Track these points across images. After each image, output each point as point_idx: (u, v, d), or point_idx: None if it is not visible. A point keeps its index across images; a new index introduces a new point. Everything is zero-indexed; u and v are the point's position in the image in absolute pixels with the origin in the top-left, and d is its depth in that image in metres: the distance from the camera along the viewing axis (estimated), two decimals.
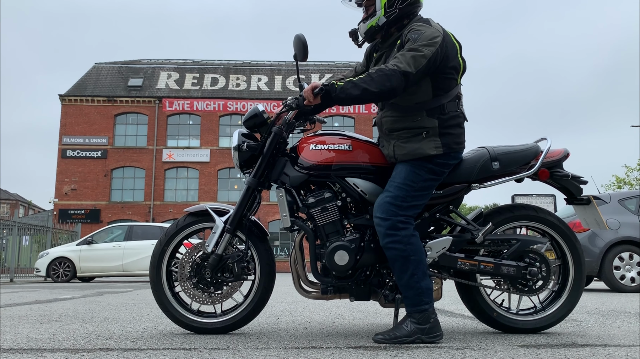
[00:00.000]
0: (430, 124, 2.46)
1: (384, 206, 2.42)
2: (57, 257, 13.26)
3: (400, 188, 2.44)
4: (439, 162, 2.49)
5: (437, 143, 2.46)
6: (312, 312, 3.97)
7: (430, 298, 2.37)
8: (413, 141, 2.47)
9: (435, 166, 2.48)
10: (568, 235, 2.69)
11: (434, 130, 2.47)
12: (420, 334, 2.30)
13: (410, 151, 2.47)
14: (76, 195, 34.60)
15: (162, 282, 2.70)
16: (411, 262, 2.35)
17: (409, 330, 2.31)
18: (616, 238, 7.20)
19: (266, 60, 40.09)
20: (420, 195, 2.48)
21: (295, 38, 2.49)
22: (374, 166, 2.56)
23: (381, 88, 2.31)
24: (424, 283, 2.37)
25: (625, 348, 2.21)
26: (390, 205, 2.42)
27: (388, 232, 2.38)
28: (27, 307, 4.54)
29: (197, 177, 35.58)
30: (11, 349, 2.23)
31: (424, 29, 2.40)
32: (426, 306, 2.34)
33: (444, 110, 2.47)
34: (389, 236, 2.38)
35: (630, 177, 33.51)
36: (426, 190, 2.50)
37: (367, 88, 2.32)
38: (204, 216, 2.73)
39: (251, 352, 2.12)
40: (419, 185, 2.46)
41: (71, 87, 36.44)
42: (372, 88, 2.32)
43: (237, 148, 2.64)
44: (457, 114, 2.52)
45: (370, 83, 2.32)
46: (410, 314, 2.37)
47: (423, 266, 2.38)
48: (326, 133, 2.63)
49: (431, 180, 2.50)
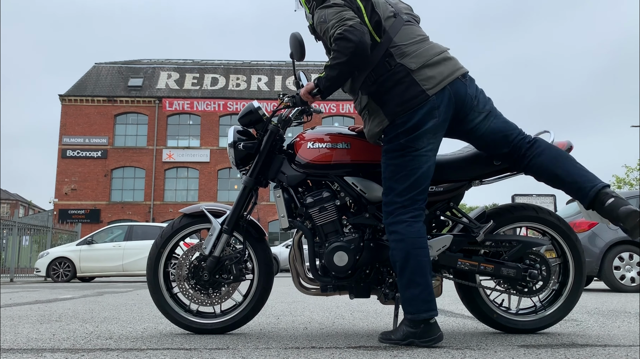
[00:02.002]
0: (364, 102, 2.40)
1: (382, 208, 2.40)
2: (57, 257, 13.26)
3: (382, 187, 2.41)
4: (391, 137, 2.32)
5: (381, 117, 2.35)
6: (312, 312, 3.97)
7: (412, 309, 2.23)
8: (366, 124, 2.45)
9: (390, 143, 2.33)
10: (568, 234, 2.68)
11: (370, 106, 2.39)
12: (413, 338, 2.24)
13: (367, 133, 2.44)
14: (76, 195, 34.60)
15: (159, 284, 2.70)
16: (396, 268, 2.29)
17: (403, 333, 2.26)
18: (616, 238, 7.19)
19: (266, 60, 40.12)
20: (400, 178, 2.31)
21: (292, 37, 2.48)
22: (373, 164, 2.54)
23: (348, 51, 2.22)
24: (408, 292, 2.25)
25: (625, 348, 2.21)
26: (385, 206, 2.37)
27: (389, 237, 2.35)
28: (27, 307, 4.53)
29: (197, 177, 35.59)
30: (11, 349, 2.23)
31: None
32: (409, 315, 2.25)
33: (371, 79, 2.33)
34: (390, 242, 2.35)
35: (630, 177, 33.50)
36: (399, 167, 2.31)
37: (339, 62, 2.26)
38: (200, 217, 2.72)
39: (251, 352, 2.12)
40: (388, 170, 2.34)
41: (71, 87, 36.44)
42: (342, 58, 2.24)
43: (233, 145, 2.63)
44: (390, 73, 2.30)
45: (339, 56, 2.25)
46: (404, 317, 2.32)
47: (409, 273, 2.24)
48: (324, 131, 2.60)
49: (399, 156, 2.31)
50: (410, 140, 2.28)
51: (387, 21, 2.36)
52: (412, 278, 2.24)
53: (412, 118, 2.27)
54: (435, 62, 2.31)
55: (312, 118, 2.74)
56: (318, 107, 2.73)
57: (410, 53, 2.31)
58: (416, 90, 2.26)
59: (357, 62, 2.27)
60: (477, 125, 2.38)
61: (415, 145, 2.29)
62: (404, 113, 2.28)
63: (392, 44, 2.32)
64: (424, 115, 2.27)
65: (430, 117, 2.27)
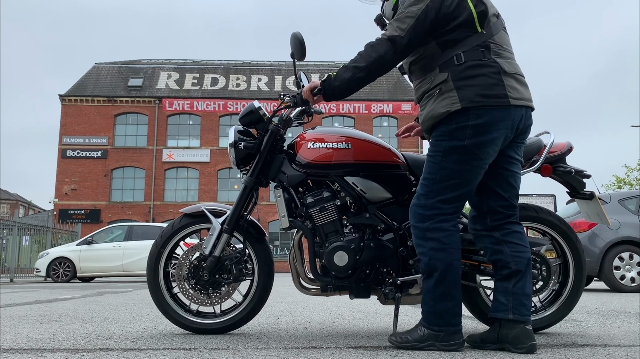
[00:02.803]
0: (441, 78, 2.15)
1: (411, 210, 2.23)
2: (57, 257, 13.26)
3: (422, 185, 2.21)
4: (456, 128, 2.11)
5: (453, 99, 2.11)
6: (312, 312, 3.97)
7: (443, 322, 2.11)
8: (428, 105, 2.20)
9: (454, 139, 2.12)
10: (569, 234, 2.68)
11: (446, 84, 2.13)
12: (434, 340, 2.11)
13: (426, 116, 2.20)
14: (76, 195, 34.60)
15: (159, 284, 2.70)
16: (432, 277, 2.14)
17: (422, 335, 2.14)
18: (616, 238, 7.20)
19: (266, 60, 40.11)
20: (452, 185, 2.15)
21: (292, 36, 2.48)
22: (373, 164, 2.54)
23: (368, 60, 2.17)
24: (440, 304, 2.12)
25: (625, 348, 2.21)
26: (416, 208, 2.20)
27: (417, 242, 2.20)
28: (27, 307, 4.53)
29: (197, 177, 35.59)
30: (11, 349, 2.22)
31: None
32: (434, 327, 2.12)
33: (459, 60, 2.12)
34: (418, 247, 2.20)
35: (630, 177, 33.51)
36: (456, 173, 2.14)
37: (357, 66, 2.19)
38: (200, 217, 2.72)
39: (251, 352, 2.12)
40: (441, 173, 2.16)
41: (71, 87, 36.44)
42: (361, 64, 2.18)
43: (234, 145, 2.63)
44: (481, 63, 2.12)
45: (359, 60, 2.19)
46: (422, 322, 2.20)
47: (446, 285, 2.12)
48: (325, 131, 2.59)
49: (460, 161, 2.13)
50: (477, 145, 2.11)
51: (492, 18, 2.21)
52: (449, 290, 2.12)
53: (487, 115, 2.09)
54: (522, 80, 2.20)
55: (312, 118, 2.74)
56: (318, 108, 2.73)
57: (505, 57, 2.18)
58: (501, 92, 2.10)
59: (373, 73, 2.21)
60: (504, 163, 2.24)
61: (480, 152, 2.12)
62: (481, 107, 2.09)
63: (492, 40, 2.17)
64: (500, 119, 2.11)
65: (503, 125, 2.11)
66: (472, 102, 2.09)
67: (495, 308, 2.20)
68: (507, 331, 2.12)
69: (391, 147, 2.60)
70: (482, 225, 2.28)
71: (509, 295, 2.17)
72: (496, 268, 2.24)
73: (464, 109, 2.09)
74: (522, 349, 2.06)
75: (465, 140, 2.11)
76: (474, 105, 2.09)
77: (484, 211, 2.27)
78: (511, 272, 2.18)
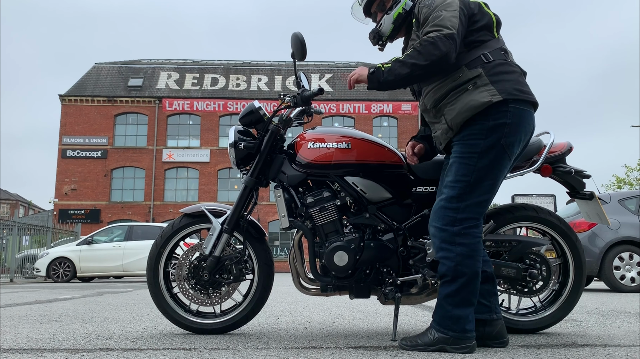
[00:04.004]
0: (475, 74, 2.15)
1: (438, 212, 2.17)
2: (57, 257, 13.26)
3: (455, 187, 2.15)
4: (498, 113, 2.10)
5: (491, 91, 2.11)
6: (312, 312, 3.97)
7: (459, 327, 2.08)
8: (462, 98, 2.16)
9: (490, 134, 2.10)
10: (569, 235, 2.68)
11: (481, 79, 2.14)
12: (444, 343, 2.09)
13: (461, 108, 2.14)
14: (76, 195, 34.59)
15: (159, 284, 2.70)
16: (455, 283, 2.11)
17: (433, 338, 2.11)
18: (616, 238, 7.19)
19: (266, 60, 40.08)
20: (487, 187, 2.14)
21: (293, 36, 2.48)
22: (373, 164, 2.53)
23: (431, 58, 2.09)
24: (459, 310, 2.10)
25: (625, 348, 2.21)
26: (446, 210, 2.15)
27: (442, 246, 2.14)
28: (27, 307, 4.53)
29: (197, 177, 35.57)
30: (11, 349, 2.22)
31: None
32: (449, 333, 2.09)
33: (487, 58, 2.17)
34: (442, 251, 2.14)
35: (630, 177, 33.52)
36: (490, 174, 2.13)
37: (416, 63, 2.11)
38: (200, 217, 2.72)
39: (251, 352, 2.12)
40: (476, 174, 2.12)
41: (71, 87, 36.42)
42: (421, 61, 2.10)
43: (234, 145, 2.63)
44: (506, 62, 2.20)
45: (418, 57, 2.10)
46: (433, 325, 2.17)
47: (468, 292, 2.10)
48: (325, 131, 2.60)
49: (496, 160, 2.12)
50: (509, 145, 2.13)
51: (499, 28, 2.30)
52: (470, 298, 2.11)
53: (521, 113, 2.13)
54: None
55: (312, 118, 2.75)
56: (318, 108, 2.74)
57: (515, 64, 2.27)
58: (529, 90, 2.19)
59: (434, 71, 2.16)
60: None
61: (510, 152, 2.15)
62: (519, 100, 2.12)
63: (505, 47, 2.27)
64: (529, 120, 2.17)
65: (530, 127, 2.19)
66: (510, 95, 2.11)
67: (478, 309, 2.23)
68: (491, 329, 2.24)
69: (391, 147, 2.60)
70: None
71: (490, 296, 2.28)
72: None
73: (504, 101, 2.10)
74: (503, 343, 2.24)
75: (502, 139, 2.12)
76: (512, 97, 2.11)
77: None
78: (487, 276, 2.27)
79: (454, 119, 2.17)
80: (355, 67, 38.69)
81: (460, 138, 2.18)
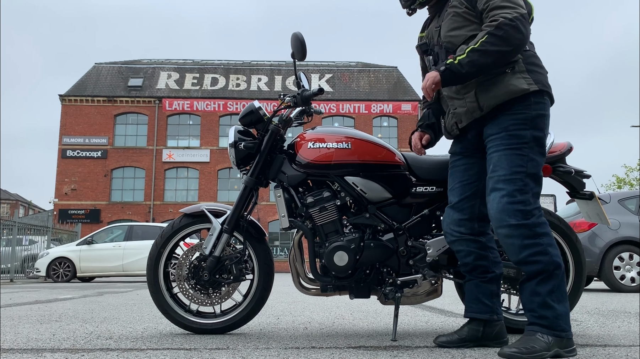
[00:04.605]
0: None
1: (506, 210, 1.99)
2: (57, 257, 13.26)
3: (512, 180, 2.01)
4: (538, 104, 2.04)
5: (528, 80, 2.04)
6: (312, 312, 3.97)
7: (568, 326, 1.96)
8: (499, 80, 2.06)
9: (535, 111, 2.03)
10: (569, 235, 2.68)
11: (519, 65, 2.06)
12: (558, 347, 1.92)
13: (498, 91, 2.04)
14: (76, 195, 34.59)
15: (159, 284, 2.70)
16: (554, 277, 1.96)
17: (548, 342, 1.91)
18: (616, 238, 7.20)
19: (266, 60, 40.08)
20: (539, 178, 2.04)
21: (293, 36, 2.48)
22: (373, 164, 2.53)
23: (515, 43, 1.97)
24: (563, 306, 1.96)
25: (625, 348, 2.21)
26: (514, 205, 1.99)
27: (526, 243, 1.97)
28: (27, 307, 4.53)
29: (197, 177, 35.57)
30: (11, 349, 2.22)
31: None
32: (562, 333, 1.93)
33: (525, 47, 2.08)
34: (529, 248, 1.97)
35: (630, 177, 33.52)
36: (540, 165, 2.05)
37: (501, 50, 1.97)
38: (200, 217, 2.72)
39: (251, 352, 2.12)
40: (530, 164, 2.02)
41: (71, 87, 36.42)
42: (505, 47, 1.97)
43: (234, 145, 2.63)
44: (537, 56, 2.14)
45: (501, 43, 1.97)
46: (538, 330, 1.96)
47: (564, 284, 1.99)
48: (325, 131, 2.60)
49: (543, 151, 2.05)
50: (545, 138, 2.08)
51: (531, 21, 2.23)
52: (565, 289, 2.00)
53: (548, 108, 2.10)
54: None
55: (312, 118, 2.75)
56: (318, 108, 2.74)
57: None
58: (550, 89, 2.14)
59: (514, 56, 2.04)
60: None
61: (546, 130, 2.10)
62: (549, 94, 2.10)
63: None
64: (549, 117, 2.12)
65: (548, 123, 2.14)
66: (545, 87, 2.07)
67: (479, 309, 2.24)
68: (490, 329, 2.23)
69: (391, 147, 2.60)
70: (469, 229, 2.26)
71: (493, 297, 2.26)
72: (477, 271, 2.26)
73: (540, 92, 2.05)
74: (503, 343, 2.22)
75: (544, 131, 2.07)
76: (546, 90, 2.07)
77: (475, 216, 2.26)
78: (495, 276, 2.26)
79: (487, 100, 2.07)
80: (355, 67, 38.70)
81: (503, 129, 2.05)
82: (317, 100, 2.90)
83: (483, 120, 2.15)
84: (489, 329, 2.24)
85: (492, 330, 2.24)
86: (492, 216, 2.05)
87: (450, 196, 2.33)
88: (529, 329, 1.98)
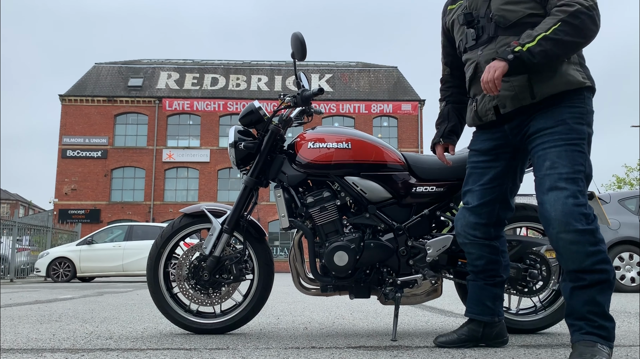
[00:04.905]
0: None
1: (572, 213, 1.81)
2: (57, 257, 13.26)
3: (575, 179, 1.85)
4: (589, 100, 1.94)
5: (582, 73, 1.94)
6: (312, 312, 3.97)
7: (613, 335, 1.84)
8: (559, 68, 1.91)
9: (589, 106, 1.93)
10: None
11: (574, 57, 1.95)
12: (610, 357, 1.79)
13: (557, 79, 1.90)
14: (76, 195, 34.59)
15: (159, 284, 2.70)
16: (612, 286, 1.84)
17: (608, 353, 1.78)
18: (616, 238, 7.19)
19: (266, 60, 40.08)
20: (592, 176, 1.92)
21: (293, 36, 2.48)
22: (373, 164, 2.54)
23: (590, 34, 1.85)
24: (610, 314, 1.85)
25: (625, 348, 2.21)
26: (579, 208, 1.81)
27: (592, 250, 1.80)
28: (27, 307, 4.53)
29: (197, 177, 35.56)
30: (11, 349, 2.22)
31: None
32: (611, 344, 1.82)
33: None
34: (595, 255, 1.81)
35: (630, 177, 33.50)
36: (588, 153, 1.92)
37: (575, 41, 1.84)
38: (200, 217, 2.72)
39: (251, 352, 2.12)
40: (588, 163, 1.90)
41: (71, 87, 36.42)
42: (580, 39, 1.84)
43: (234, 145, 2.63)
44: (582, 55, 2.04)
45: (577, 34, 1.83)
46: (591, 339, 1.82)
47: None
48: (325, 131, 2.60)
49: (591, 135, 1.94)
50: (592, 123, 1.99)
51: None
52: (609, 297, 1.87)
53: None
54: None
55: (312, 118, 2.75)
56: (318, 108, 2.74)
57: None
58: None
59: (581, 49, 1.94)
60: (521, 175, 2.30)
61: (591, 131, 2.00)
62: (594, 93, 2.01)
63: None
64: None
65: None
66: (594, 85, 1.98)
67: (481, 311, 2.24)
68: (490, 330, 2.24)
69: (391, 147, 2.60)
70: (485, 234, 2.21)
71: (496, 300, 2.26)
72: (485, 274, 2.25)
73: (591, 89, 1.96)
74: (503, 342, 2.26)
75: (592, 129, 1.97)
76: (595, 88, 1.99)
77: (493, 221, 2.21)
78: (502, 280, 2.27)
79: (543, 88, 1.92)
80: (355, 67, 38.69)
81: (560, 121, 1.91)
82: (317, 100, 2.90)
83: (529, 110, 1.97)
84: (488, 330, 2.24)
85: (492, 331, 2.25)
86: (554, 218, 1.83)
87: (467, 198, 2.23)
88: (587, 339, 1.80)
